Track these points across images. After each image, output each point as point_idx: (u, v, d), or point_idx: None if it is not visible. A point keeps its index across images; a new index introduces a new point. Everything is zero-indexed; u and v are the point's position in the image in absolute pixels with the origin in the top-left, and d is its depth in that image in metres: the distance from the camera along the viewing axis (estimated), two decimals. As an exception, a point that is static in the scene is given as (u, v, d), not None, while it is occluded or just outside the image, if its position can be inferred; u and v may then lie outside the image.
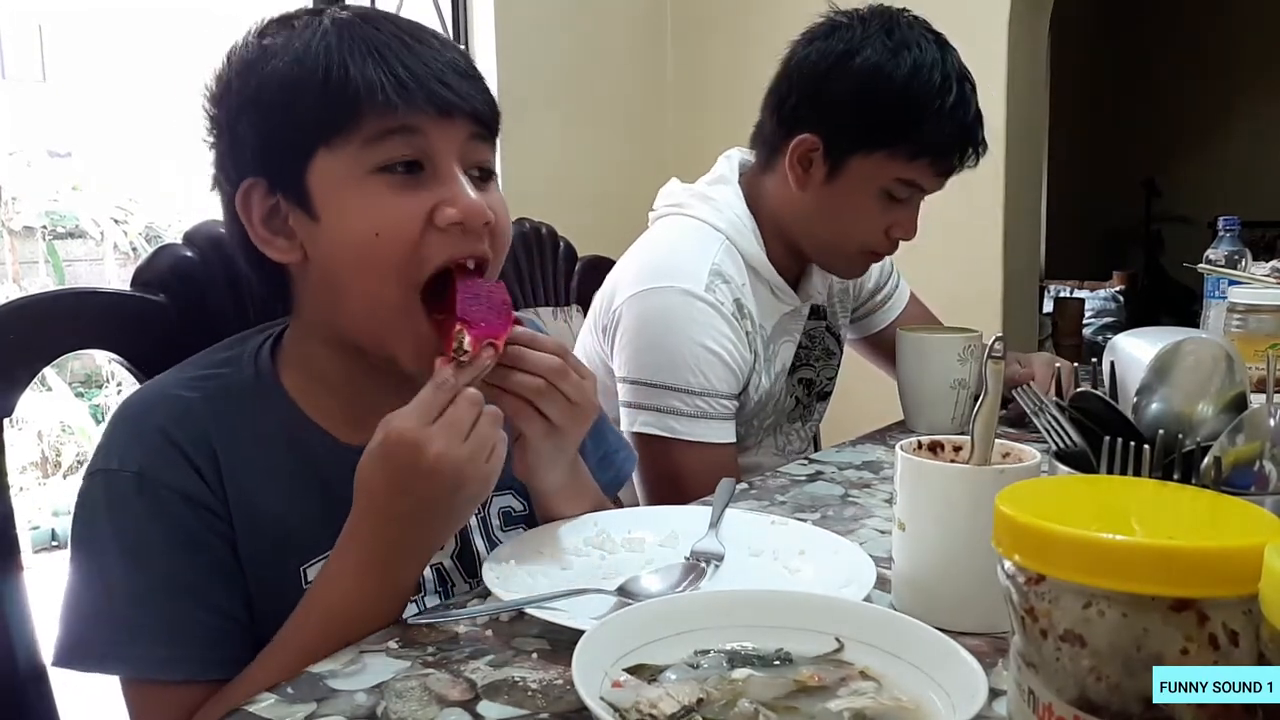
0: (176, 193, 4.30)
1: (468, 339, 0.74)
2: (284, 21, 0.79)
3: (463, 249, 0.77)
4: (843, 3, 1.31)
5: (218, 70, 0.80)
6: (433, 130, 0.76)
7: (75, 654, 0.76)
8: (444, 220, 0.76)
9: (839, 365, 1.51)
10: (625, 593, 0.73)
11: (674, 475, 1.21)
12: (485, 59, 2.54)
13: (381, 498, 0.72)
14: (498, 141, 0.83)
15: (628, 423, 1.23)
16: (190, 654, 0.75)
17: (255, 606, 0.79)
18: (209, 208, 0.86)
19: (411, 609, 0.76)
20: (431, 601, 0.85)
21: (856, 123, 1.21)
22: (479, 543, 0.89)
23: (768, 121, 1.30)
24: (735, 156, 1.37)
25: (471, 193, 0.77)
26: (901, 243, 1.29)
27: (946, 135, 1.21)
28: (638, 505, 1.20)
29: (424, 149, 0.76)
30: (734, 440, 1.26)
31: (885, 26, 1.21)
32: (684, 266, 1.24)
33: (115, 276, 4.23)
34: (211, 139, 0.81)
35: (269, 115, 0.76)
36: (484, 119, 0.80)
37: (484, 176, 0.81)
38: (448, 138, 0.77)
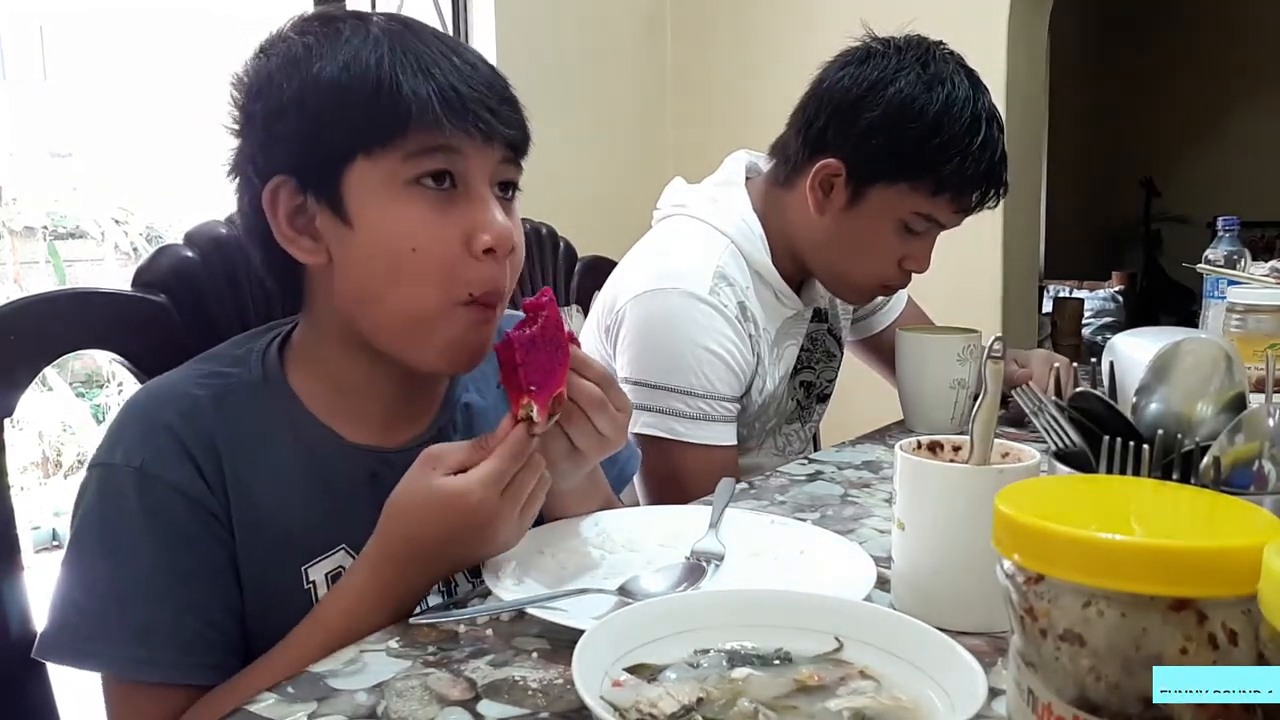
0: (177, 193, 4.30)
1: (536, 410, 0.74)
2: (327, 22, 0.78)
3: (491, 279, 0.78)
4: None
5: (253, 63, 0.79)
6: (472, 153, 0.77)
7: (53, 647, 0.76)
8: (479, 247, 0.77)
9: (839, 367, 1.51)
10: (625, 592, 0.74)
11: (675, 476, 1.21)
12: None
13: (428, 543, 0.73)
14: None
15: (629, 423, 1.23)
16: (165, 656, 0.75)
17: (256, 608, 0.79)
18: (209, 208, 0.85)
19: (413, 608, 0.77)
20: (433, 600, 0.85)
21: (882, 152, 1.21)
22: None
23: (792, 141, 1.29)
24: (743, 159, 1.37)
25: (500, 217, 0.78)
26: None
27: (970, 174, 1.21)
28: (639, 505, 1.20)
29: (461, 169, 0.77)
30: (735, 442, 1.26)
31: (921, 59, 1.21)
32: (688, 269, 1.24)
33: (116, 277, 4.23)
34: (238, 128, 0.80)
35: (313, 117, 0.76)
36: (518, 144, 0.81)
37: (508, 194, 0.83)
38: (484, 160, 0.78)
